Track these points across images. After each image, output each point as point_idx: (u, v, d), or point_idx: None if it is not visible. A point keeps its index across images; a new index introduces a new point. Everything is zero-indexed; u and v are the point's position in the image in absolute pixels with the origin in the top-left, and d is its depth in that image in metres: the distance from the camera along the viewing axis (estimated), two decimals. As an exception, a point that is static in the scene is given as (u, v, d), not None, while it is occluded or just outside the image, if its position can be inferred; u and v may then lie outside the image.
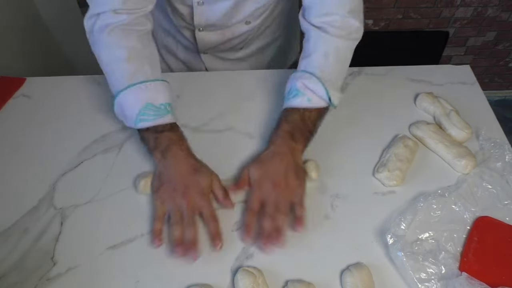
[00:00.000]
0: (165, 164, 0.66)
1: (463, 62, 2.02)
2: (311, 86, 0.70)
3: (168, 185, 0.65)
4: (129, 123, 0.69)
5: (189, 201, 0.63)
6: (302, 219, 0.63)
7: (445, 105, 0.80)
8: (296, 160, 0.68)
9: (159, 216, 0.63)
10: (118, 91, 0.68)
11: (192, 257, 0.60)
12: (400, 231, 0.62)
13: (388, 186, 0.69)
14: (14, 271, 0.59)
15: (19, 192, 0.69)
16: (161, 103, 0.68)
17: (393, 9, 1.81)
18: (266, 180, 0.65)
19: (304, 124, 0.70)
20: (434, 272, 0.58)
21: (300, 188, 0.66)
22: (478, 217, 0.65)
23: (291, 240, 0.63)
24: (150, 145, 0.68)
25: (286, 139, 0.69)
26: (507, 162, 0.71)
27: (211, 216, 0.63)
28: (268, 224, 0.61)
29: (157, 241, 0.61)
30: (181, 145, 0.68)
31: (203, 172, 0.66)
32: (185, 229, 0.61)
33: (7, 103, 0.83)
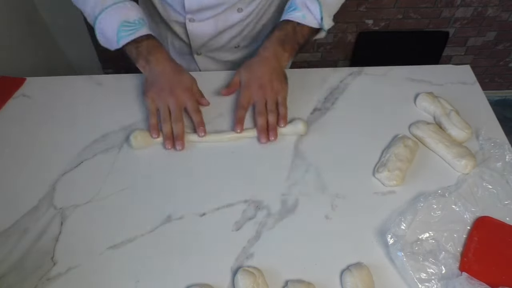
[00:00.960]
0: (150, 69, 0.75)
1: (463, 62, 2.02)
2: (309, 4, 0.78)
3: (156, 85, 0.74)
4: (112, 45, 0.76)
5: (176, 98, 0.73)
6: (285, 116, 0.75)
7: (445, 105, 0.80)
8: (281, 65, 0.78)
9: (152, 112, 0.74)
10: (95, 17, 0.75)
11: (179, 147, 0.71)
12: (400, 231, 0.62)
13: (388, 186, 0.69)
14: (14, 271, 0.59)
15: (19, 192, 0.69)
16: (134, 19, 0.75)
17: (393, 9, 1.80)
18: (254, 82, 0.76)
19: (294, 35, 0.79)
20: (434, 272, 0.58)
21: (283, 90, 0.77)
22: (478, 217, 0.65)
23: (291, 240, 0.63)
24: (133, 56, 0.76)
25: (276, 45, 0.78)
26: (507, 162, 0.71)
27: (194, 109, 0.74)
28: (262, 120, 0.73)
29: (154, 134, 0.72)
30: (161, 50, 0.77)
31: (185, 72, 0.77)
32: (173, 123, 0.72)
33: (7, 103, 0.83)
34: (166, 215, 0.66)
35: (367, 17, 1.82)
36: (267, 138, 0.73)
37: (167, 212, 0.66)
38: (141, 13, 0.78)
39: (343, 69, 0.90)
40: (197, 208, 0.67)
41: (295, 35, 0.79)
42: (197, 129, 0.73)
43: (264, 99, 0.75)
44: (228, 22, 0.89)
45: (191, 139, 0.75)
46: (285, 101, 0.76)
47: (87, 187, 0.69)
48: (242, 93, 0.77)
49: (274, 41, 0.78)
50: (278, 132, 0.75)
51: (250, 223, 0.65)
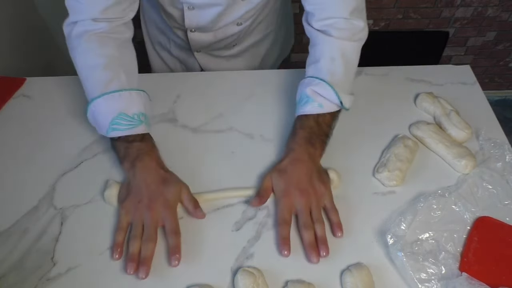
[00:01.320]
0: (134, 174, 0.65)
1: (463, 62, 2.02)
2: (321, 91, 0.70)
3: (135, 195, 0.64)
4: (100, 131, 0.69)
5: (153, 213, 0.62)
6: (340, 225, 0.63)
7: (445, 105, 0.80)
8: (317, 165, 0.68)
9: (121, 227, 0.62)
10: (92, 98, 0.67)
11: (142, 275, 0.57)
12: (400, 231, 0.62)
13: (388, 186, 0.69)
14: (14, 271, 0.59)
15: (19, 192, 0.68)
16: (134, 113, 0.67)
17: (393, 9, 1.80)
18: (293, 189, 0.64)
19: (319, 128, 0.70)
20: (434, 272, 0.58)
21: (328, 191, 0.66)
22: (478, 217, 0.65)
23: (292, 240, 0.63)
24: (120, 155, 0.68)
25: (304, 146, 0.68)
26: (507, 162, 0.71)
27: (172, 230, 0.62)
28: (309, 235, 0.61)
29: (116, 254, 0.60)
30: (151, 156, 0.67)
31: (171, 183, 0.65)
32: (143, 243, 0.60)
33: (7, 103, 0.83)
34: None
35: (367, 17, 1.82)
36: (318, 256, 0.60)
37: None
38: (144, 107, 0.70)
39: (343, 69, 0.90)
40: (197, 208, 0.67)
41: (319, 128, 0.70)
42: (170, 255, 0.60)
43: (309, 208, 0.63)
44: (227, 33, 0.91)
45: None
46: (333, 205, 0.65)
47: (87, 187, 0.69)
48: (281, 203, 0.64)
49: (301, 143, 0.68)
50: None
51: (250, 223, 0.65)
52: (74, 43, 0.70)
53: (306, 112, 0.70)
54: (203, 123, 0.80)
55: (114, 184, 0.67)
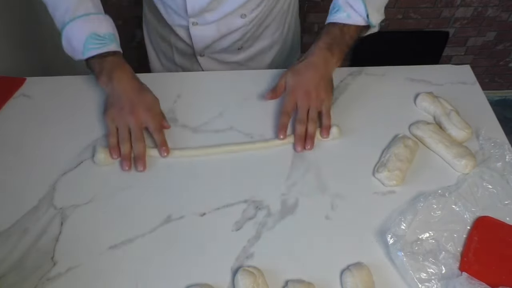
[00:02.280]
0: (112, 86, 0.72)
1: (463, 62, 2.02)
2: (352, 2, 0.74)
3: (117, 104, 0.71)
4: (76, 55, 0.74)
5: (136, 116, 0.70)
6: (328, 128, 0.72)
7: (445, 105, 0.80)
8: (328, 72, 0.75)
9: (111, 132, 0.70)
10: (64, 24, 0.72)
11: (140, 168, 0.67)
12: (400, 231, 0.62)
13: (388, 186, 0.69)
14: (14, 271, 0.59)
15: (19, 192, 0.68)
16: (105, 33, 0.73)
17: (393, 9, 1.80)
18: (300, 88, 0.73)
19: (342, 37, 0.76)
20: (434, 272, 0.58)
21: (328, 99, 0.74)
22: (478, 217, 0.65)
23: (291, 240, 0.63)
24: (96, 71, 0.73)
25: (323, 50, 0.74)
26: (507, 162, 0.71)
27: (156, 129, 0.70)
28: (301, 128, 0.71)
29: (114, 153, 0.68)
30: (125, 68, 0.74)
31: (147, 90, 0.74)
32: (133, 144, 0.68)
33: (7, 103, 0.83)
34: (166, 215, 0.66)
35: (367, 17, 1.82)
36: (303, 147, 0.71)
37: (167, 212, 0.66)
38: (113, 28, 0.76)
39: (343, 69, 0.90)
40: (197, 208, 0.67)
41: (342, 37, 0.76)
42: (159, 149, 0.70)
43: (308, 106, 0.72)
44: (231, 26, 0.89)
45: (184, 154, 0.73)
46: (329, 111, 0.74)
47: (87, 187, 0.69)
48: (287, 98, 0.74)
49: (321, 46, 0.75)
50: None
51: (250, 223, 0.65)
52: None
53: (335, 20, 0.76)
54: (203, 123, 0.80)
55: (101, 148, 0.70)
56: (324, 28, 0.78)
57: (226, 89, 0.87)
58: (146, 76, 0.90)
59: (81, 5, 0.73)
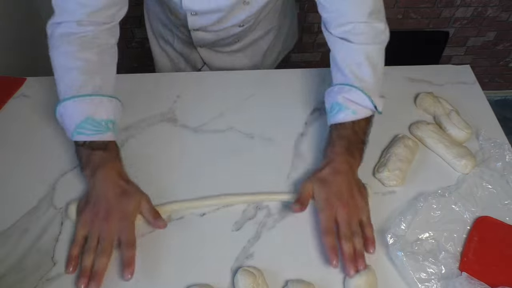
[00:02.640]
0: (94, 184, 0.64)
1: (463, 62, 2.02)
2: (354, 98, 0.69)
3: (93, 207, 0.62)
4: (67, 133, 0.67)
5: (109, 226, 0.61)
6: (374, 239, 0.62)
7: (445, 105, 0.80)
8: (356, 176, 0.68)
9: (77, 239, 0.61)
10: (62, 99, 0.66)
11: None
12: (400, 231, 0.62)
13: (388, 186, 0.69)
14: (14, 271, 0.59)
15: (19, 192, 0.68)
16: (102, 119, 0.66)
17: (393, 9, 1.80)
18: (335, 200, 0.64)
19: (356, 136, 0.69)
20: (434, 272, 0.58)
21: (367, 206, 0.65)
22: (478, 217, 0.65)
23: (291, 240, 0.63)
24: (83, 161, 0.66)
25: (345, 156, 0.67)
26: (507, 162, 0.71)
27: (127, 243, 0.60)
28: (348, 247, 0.60)
29: (70, 267, 0.59)
30: (113, 166, 0.65)
31: (131, 195, 0.64)
32: (96, 257, 0.59)
33: (7, 103, 0.83)
34: (166, 215, 0.66)
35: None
36: (357, 268, 0.59)
37: (167, 212, 0.66)
38: (114, 114, 0.68)
39: (343, 69, 0.90)
40: (197, 208, 0.66)
41: (356, 136, 0.69)
42: (123, 269, 0.58)
43: (349, 220, 0.63)
44: (230, 33, 0.91)
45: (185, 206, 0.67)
46: (370, 220, 0.65)
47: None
48: (323, 214, 0.64)
49: (339, 151, 0.68)
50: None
51: (250, 223, 0.65)
52: (56, 43, 0.68)
53: (340, 120, 0.70)
54: (203, 123, 0.80)
55: (74, 202, 0.66)
56: (332, 131, 0.71)
57: (226, 89, 0.87)
58: (146, 77, 0.90)
59: (88, 82, 0.67)
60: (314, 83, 0.88)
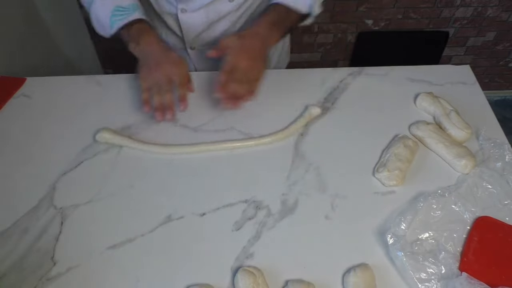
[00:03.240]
0: (140, 50, 0.77)
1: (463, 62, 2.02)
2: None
3: (145, 65, 0.76)
4: (106, 30, 0.78)
5: (162, 72, 0.74)
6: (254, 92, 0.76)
7: (445, 105, 0.80)
8: (269, 45, 0.79)
9: (144, 89, 0.75)
10: (89, 3, 0.79)
11: (169, 116, 0.74)
12: (400, 231, 0.62)
13: (388, 186, 0.69)
14: (14, 271, 0.59)
15: (19, 192, 0.69)
16: (127, 4, 0.78)
17: (393, 9, 1.81)
18: (244, 52, 0.75)
19: (286, 19, 0.80)
20: (434, 272, 0.58)
21: (264, 70, 0.77)
22: (478, 217, 0.65)
23: (291, 240, 0.63)
24: (125, 39, 0.78)
25: (269, 24, 0.78)
26: (507, 162, 0.71)
27: (179, 83, 0.75)
28: (234, 88, 0.73)
29: (146, 106, 0.75)
30: (150, 33, 0.79)
31: (174, 52, 0.78)
32: (161, 96, 0.74)
33: (7, 103, 0.83)
34: (166, 215, 0.66)
35: (367, 17, 1.82)
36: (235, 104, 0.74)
37: (167, 212, 0.66)
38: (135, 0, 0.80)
39: (343, 69, 0.90)
40: (197, 208, 0.67)
41: (286, 18, 0.80)
42: (179, 104, 0.75)
43: (247, 69, 0.74)
44: (220, 12, 0.88)
45: (189, 150, 0.75)
46: (261, 81, 0.77)
47: (87, 187, 0.69)
48: (230, 57, 0.74)
49: (267, 20, 0.79)
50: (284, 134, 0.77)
51: (250, 223, 0.65)
52: None
53: (281, 1, 0.79)
54: (203, 123, 0.80)
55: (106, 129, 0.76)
56: (269, 5, 0.81)
57: (226, 89, 0.86)
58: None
59: None
60: (314, 83, 0.88)
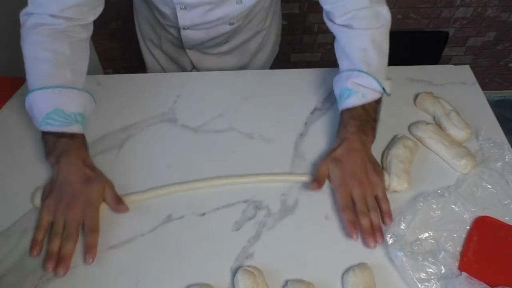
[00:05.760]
0: (58, 171, 0.65)
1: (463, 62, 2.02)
2: (362, 82, 0.71)
3: (57, 194, 0.64)
4: (35, 123, 0.68)
5: (74, 212, 0.62)
6: (390, 212, 0.65)
7: (445, 105, 0.80)
8: (370, 153, 0.70)
9: (42, 225, 0.62)
10: (32, 89, 0.67)
11: (61, 272, 0.58)
12: (400, 231, 0.62)
13: (400, 191, 0.68)
14: (14, 271, 0.59)
15: (19, 192, 0.68)
16: (71, 111, 0.67)
17: (393, 9, 1.81)
18: (350, 178, 0.67)
19: (367, 115, 0.72)
20: (433, 272, 0.58)
21: (381, 182, 0.68)
22: (477, 217, 0.65)
23: (291, 240, 0.63)
24: (48, 148, 0.67)
25: (357, 134, 0.70)
26: (506, 162, 0.71)
27: (91, 228, 0.62)
28: (366, 221, 0.63)
29: (34, 251, 0.60)
30: (77, 153, 0.67)
31: (95, 181, 0.65)
32: (62, 242, 0.60)
33: (7, 103, 0.83)
34: (166, 215, 0.66)
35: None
36: (375, 241, 0.62)
37: (167, 212, 0.66)
38: (83, 108, 0.69)
39: (343, 69, 0.90)
40: (197, 208, 0.67)
41: (368, 115, 0.72)
42: (85, 254, 0.60)
43: (364, 195, 0.66)
44: (220, 31, 0.91)
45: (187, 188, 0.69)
46: (385, 195, 0.67)
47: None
48: (340, 192, 0.67)
49: (352, 130, 0.70)
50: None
51: (250, 223, 0.65)
52: (27, 32, 0.69)
53: (351, 104, 0.72)
54: (203, 123, 0.80)
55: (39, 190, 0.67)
56: (344, 114, 0.73)
57: (226, 89, 0.87)
58: (146, 77, 0.90)
59: (58, 74, 0.68)
60: (314, 83, 0.88)
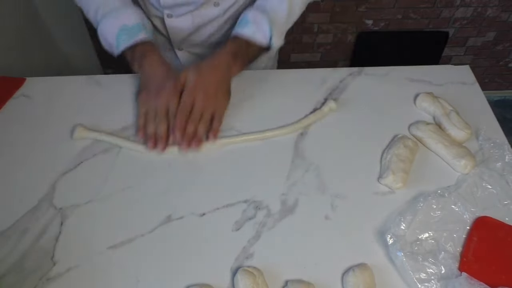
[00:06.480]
0: (142, 72, 0.78)
1: (463, 62, 2.02)
2: (259, 21, 0.78)
3: (146, 88, 0.76)
4: (113, 50, 0.79)
5: (161, 99, 0.73)
6: (217, 131, 0.74)
7: (445, 105, 0.80)
8: (229, 78, 0.78)
9: (140, 114, 0.75)
10: (97, 22, 0.79)
11: (160, 147, 0.72)
12: (400, 231, 0.62)
13: (395, 188, 0.69)
14: (14, 271, 0.59)
15: (19, 192, 0.69)
16: (133, 24, 0.78)
17: (393, 9, 1.81)
18: (200, 88, 0.74)
19: (246, 50, 0.80)
20: (434, 272, 0.58)
21: (224, 105, 0.77)
22: (478, 217, 0.65)
23: (291, 240, 0.63)
24: (129, 60, 0.79)
25: (229, 55, 0.78)
26: (506, 162, 0.71)
27: (173, 112, 0.73)
28: (191, 127, 0.72)
29: (141, 133, 0.74)
30: (154, 54, 0.79)
31: (173, 74, 0.76)
32: (156, 125, 0.72)
33: (7, 103, 0.83)
34: (166, 215, 0.66)
35: (367, 17, 1.82)
36: (188, 146, 0.72)
37: (167, 212, 0.66)
38: (140, 18, 0.80)
39: (343, 69, 0.91)
40: (197, 208, 0.67)
41: (246, 50, 0.80)
42: (171, 132, 0.73)
43: (203, 108, 0.73)
44: (205, 17, 0.90)
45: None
46: (221, 117, 0.76)
47: (87, 187, 0.69)
48: (185, 95, 0.74)
49: (227, 51, 0.78)
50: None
51: (250, 223, 0.65)
52: None
53: (241, 33, 0.79)
54: (203, 123, 0.80)
55: (80, 127, 0.76)
56: (231, 37, 0.80)
57: (226, 89, 0.87)
58: (146, 76, 0.90)
59: (108, 2, 0.79)
60: (314, 83, 0.88)
